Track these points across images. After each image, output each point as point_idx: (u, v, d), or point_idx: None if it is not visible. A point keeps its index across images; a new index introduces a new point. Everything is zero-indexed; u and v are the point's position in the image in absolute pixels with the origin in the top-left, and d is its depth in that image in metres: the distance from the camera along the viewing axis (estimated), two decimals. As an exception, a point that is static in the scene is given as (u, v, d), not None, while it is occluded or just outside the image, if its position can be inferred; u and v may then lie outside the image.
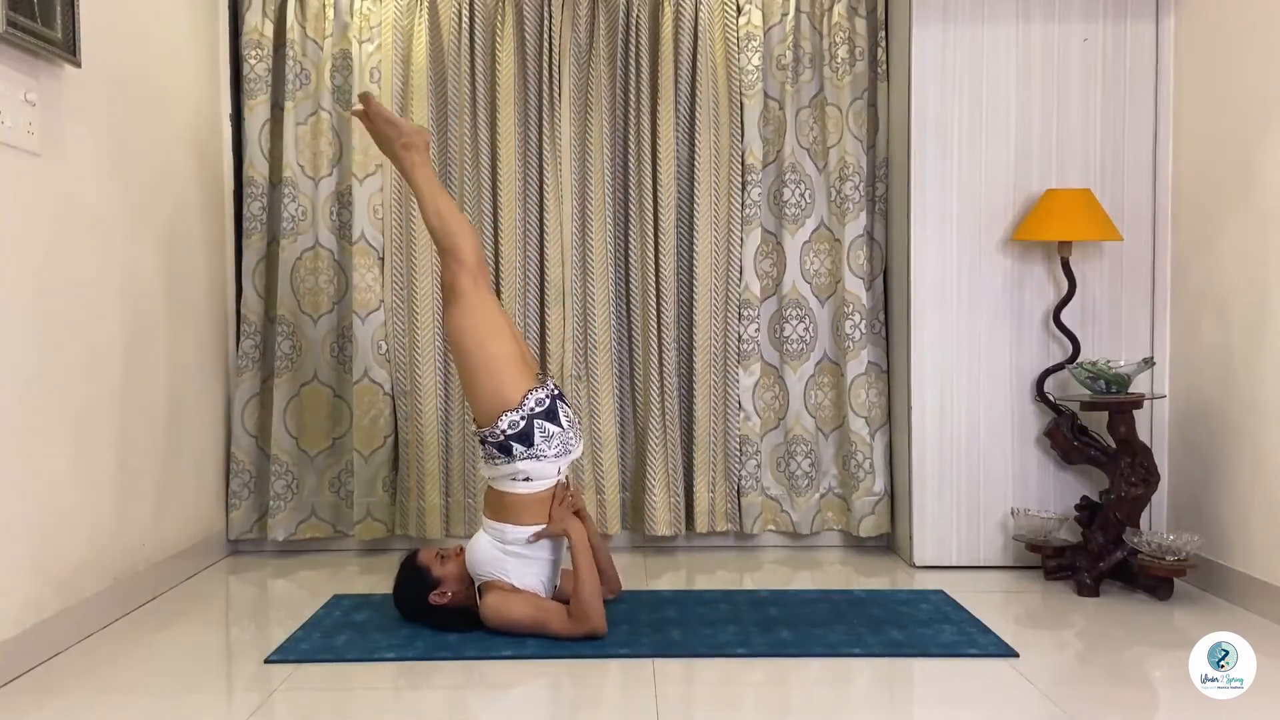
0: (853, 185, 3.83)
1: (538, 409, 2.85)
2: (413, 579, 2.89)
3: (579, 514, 2.98)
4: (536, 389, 2.89)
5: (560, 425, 2.88)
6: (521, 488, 2.85)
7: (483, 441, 2.87)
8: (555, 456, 2.87)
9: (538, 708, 2.53)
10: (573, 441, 2.93)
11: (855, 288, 3.83)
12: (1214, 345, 3.32)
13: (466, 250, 2.95)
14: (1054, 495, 3.60)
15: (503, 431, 2.82)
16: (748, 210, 3.87)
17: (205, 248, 3.71)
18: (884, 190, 3.89)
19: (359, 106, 3.16)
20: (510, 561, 2.83)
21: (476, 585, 2.86)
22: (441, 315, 3.09)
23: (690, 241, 3.85)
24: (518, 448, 2.82)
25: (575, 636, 2.76)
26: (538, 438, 2.83)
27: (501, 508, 2.87)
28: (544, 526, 2.85)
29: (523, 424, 2.82)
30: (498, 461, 2.86)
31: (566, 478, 2.98)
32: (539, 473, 2.85)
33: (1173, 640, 2.88)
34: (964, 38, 3.57)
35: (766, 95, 3.88)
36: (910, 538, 3.65)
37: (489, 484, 2.94)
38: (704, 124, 3.81)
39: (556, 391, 2.96)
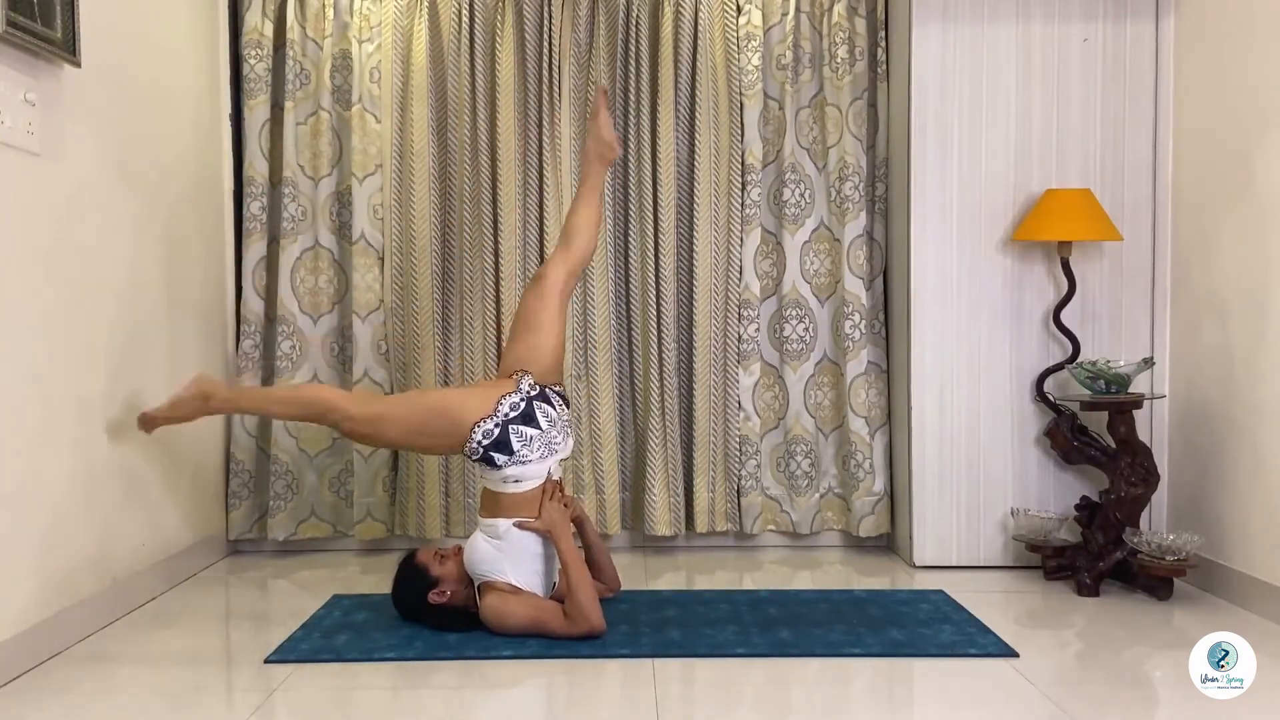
0: (852, 185, 3.83)
1: (512, 414, 2.86)
2: (411, 579, 2.89)
3: (577, 519, 2.99)
4: (510, 394, 2.90)
5: (539, 427, 2.88)
6: (513, 488, 2.86)
7: (471, 459, 2.90)
8: (540, 459, 2.88)
9: (537, 708, 2.53)
10: (557, 440, 2.93)
11: (855, 288, 3.83)
12: (1214, 345, 3.31)
13: (325, 395, 3.05)
14: (1054, 495, 3.60)
15: (479, 443, 2.83)
16: (748, 210, 3.87)
17: (205, 248, 3.71)
18: (884, 190, 3.89)
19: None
20: (508, 560, 2.83)
21: (476, 585, 2.86)
22: (348, 438, 3.17)
23: (690, 241, 3.85)
24: (499, 457, 2.83)
25: (574, 636, 2.76)
26: (515, 443, 2.84)
27: (495, 505, 2.89)
28: (532, 519, 2.86)
29: (497, 431, 2.83)
30: (488, 472, 2.89)
31: (559, 479, 2.98)
32: (527, 475, 2.87)
33: (1173, 640, 2.88)
34: (964, 38, 3.57)
35: (766, 95, 3.88)
36: (910, 538, 3.65)
37: (484, 485, 2.95)
38: (704, 124, 3.81)
39: (534, 392, 2.94)
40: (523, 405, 2.89)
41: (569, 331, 3.84)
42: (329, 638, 2.85)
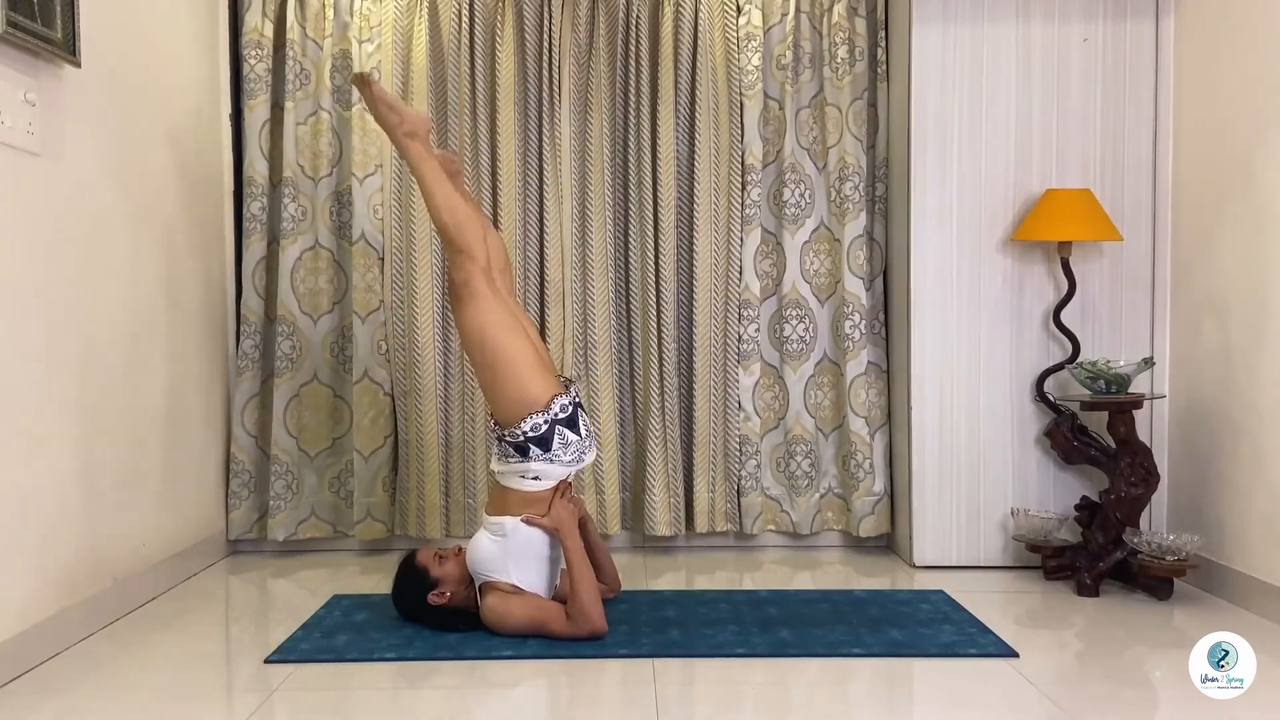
0: (852, 185, 3.83)
1: (561, 415, 2.84)
2: (411, 579, 2.89)
3: (580, 520, 2.99)
4: (561, 395, 2.87)
5: (579, 434, 2.88)
6: (530, 485, 2.85)
7: (500, 439, 2.86)
8: (569, 463, 2.87)
9: (538, 708, 2.53)
10: (587, 450, 2.93)
11: (855, 288, 3.83)
12: (1214, 345, 3.31)
13: (479, 248, 2.86)
14: (1054, 495, 3.60)
15: (524, 433, 2.80)
16: (748, 210, 3.87)
17: (205, 248, 3.71)
18: (884, 190, 3.89)
19: (362, 80, 3.03)
20: (511, 560, 2.83)
21: (477, 585, 2.86)
22: (453, 315, 2.98)
23: (690, 241, 3.85)
24: (535, 450, 2.82)
25: (576, 637, 2.76)
26: (556, 444, 2.83)
27: (504, 502, 2.87)
28: (541, 516, 2.85)
29: (545, 428, 2.81)
30: (511, 460, 2.85)
31: (570, 480, 2.98)
32: (549, 475, 2.86)
33: (1173, 640, 2.88)
34: (964, 38, 3.57)
35: (766, 95, 3.88)
36: (910, 538, 3.65)
37: (496, 479, 2.92)
38: (704, 124, 3.81)
39: (578, 399, 2.95)
40: (570, 409, 2.88)
41: (569, 332, 3.85)
42: (329, 638, 2.85)
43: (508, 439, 2.83)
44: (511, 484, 2.87)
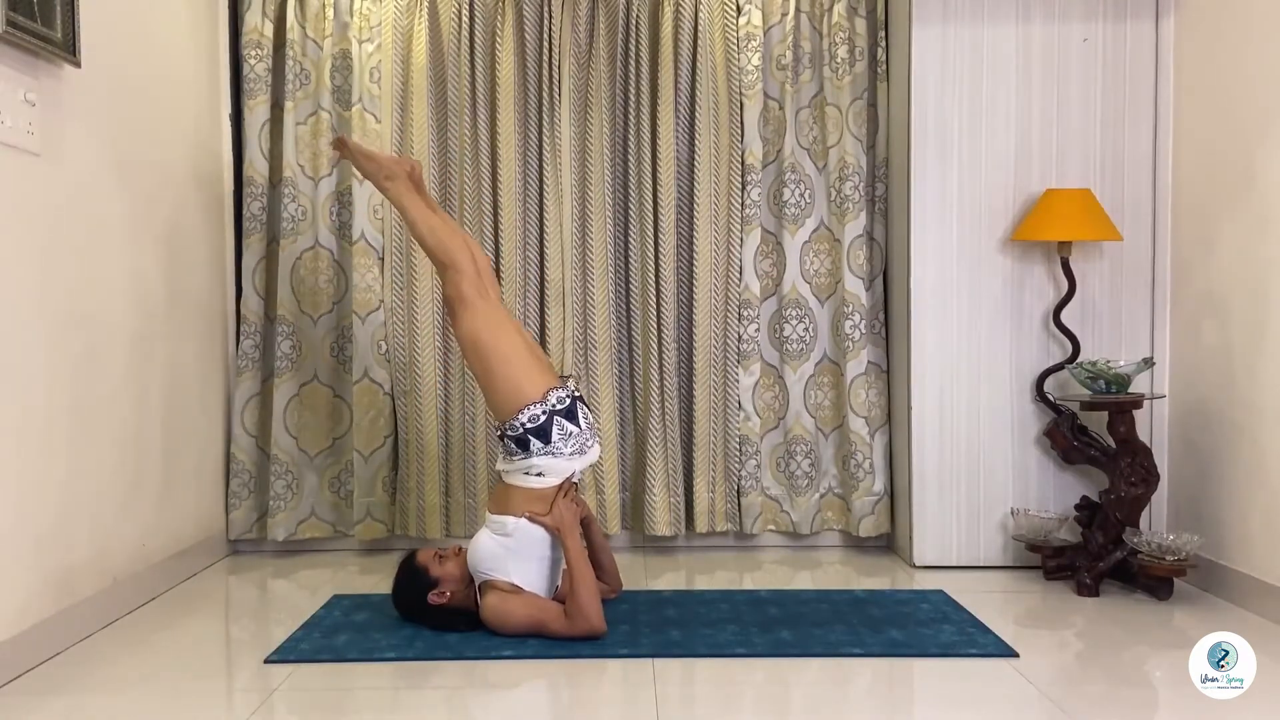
0: (852, 185, 3.83)
1: (558, 406, 2.88)
2: (411, 579, 2.89)
3: (584, 519, 2.99)
4: (558, 388, 2.92)
5: (579, 426, 2.90)
6: (534, 482, 2.86)
7: (502, 437, 2.89)
8: (571, 455, 2.88)
9: (538, 708, 2.53)
10: (589, 444, 2.94)
11: (855, 288, 3.83)
12: (1214, 345, 3.31)
13: (464, 260, 3.00)
14: (1054, 495, 3.60)
15: (522, 425, 2.83)
16: (748, 210, 3.87)
17: (205, 248, 3.71)
18: (884, 190, 3.89)
19: (340, 142, 3.30)
20: (511, 559, 2.83)
21: (477, 585, 2.86)
22: (451, 328, 3.16)
23: (690, 241, 3.85)
24: (535, 443, 2.84)
25: (575, 636, 2.76)
26: (555, 435, 2.85)
27: (507, 500, 2.88)
28: (544, 514, 2.86)
29: (543, 418, 2.84)
30: (514, 457, 2.87)
31: (576, 480, 2.99)
32: (553, 470, 2.86)
33: (1173, 640, 2.88)
34: (964, 38, 3.57)
35: (766, 95, 3.88)
36: (910, 538, 3.65)
37: (501, 478, 2.94)
38: (704, 124, 3.81)
39: (577, 394, 2.99)
40: (568, 401, 2.91)
41: (569, 332, 3.85)
42: (329, 638, 2.85)
43: (509, 434, 2.86)
44: (516, 481, 2.88)
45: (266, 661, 2.69)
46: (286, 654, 2.73)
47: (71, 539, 2.85)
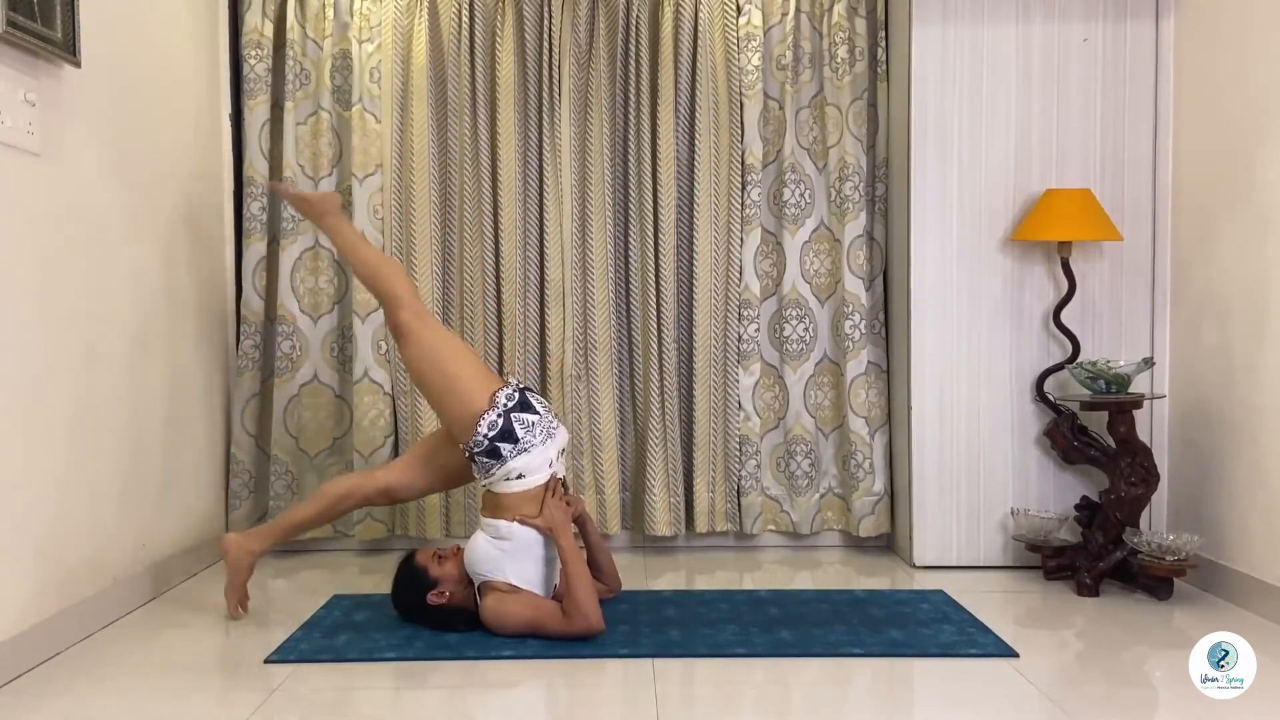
0: (852, 185, 3.83)
1: (509, 404, 2.89)
2: (410, 580, 2.89)
3: (579, 519, 2.99)
4: (502, 388, 2.94)
5: (537, 412, 2.92)
6: (517, 485, 2.86)
7: (471, 457, 2.89)
8: (542, 443, 2.89)
9: (537, 708, 2.53)
10: (553, 426, 2.96)
11: (855, 288, 3.83)
12: (1214, 345, 3.31)
13: (401, 289, 3.09)
14: (1054, 495, 3.60)
15: (485, 436, 2.84)
16: (748, 210, 3.87)
17: (205, 248, 3.71)
18: (884, 190, 3.89)
19: (275, 186, 3.50)
20: (508, 560, 2.83)
21: (476, 586, 2.86)
22: (400, 355, 3.30)
23: (690, 241, 3.85)
24: (504, 447, 2.84)
25: (573, 635, 2.76)
26: (519, 430, 2.86)
27: (497, 506, 2.89)
28: (534, 515, 2.86)
29: (501, 421, 2.85)
30: (491, 469, 2.88)
31: (564, 480, 2.99)
32: (531, 466, 2.87)
33: (1173, 640, 2.88)
34: (964, 38, 3.57)
35: (766, 95, 3.88)
36: (910, 538, 3.65)
37: (486, 488, 2.95)
38: (704, 124, 3.81)
39: (523, 385, 3.02)
40: (517, 395, 2.93)
41: (569, 332, 3.85)
42: (329, 638, 2.85)
43: (476, 451, 2.87)
44: (501, 489, 2.89)
45: (266, 661, 2.69)
46: (286, 654, 2.73)
47: (71, 539, 2.85)
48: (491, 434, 2.84)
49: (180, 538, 3.49)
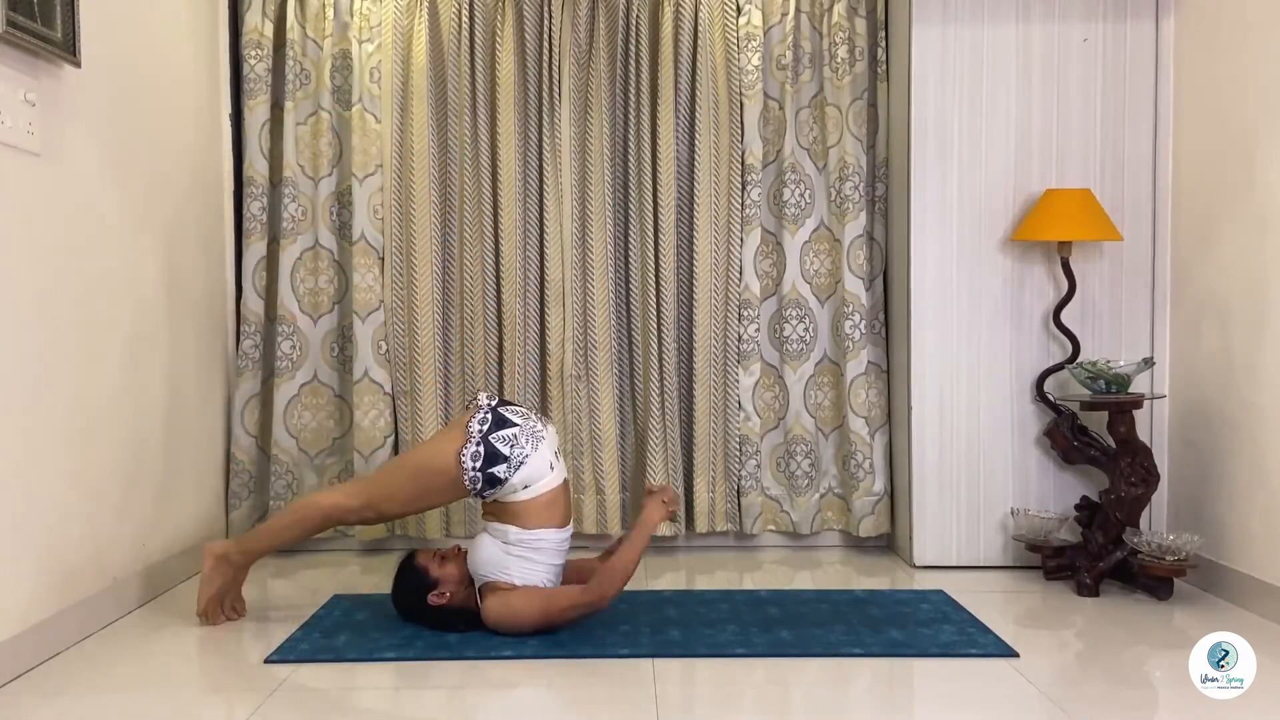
0: (852, 185, 3.83)
1: (484, 427, 2.86)
2: (410, 580, 2.89)
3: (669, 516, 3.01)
4: (473, 418, 2.90)
5: (515, 424, 2.89)
6: (524, 495, 2.85)
7: (479, 494, 2.86)
8: (534, 450, 2.86)
9: (537, 708, 2.53)
10: (538, 429, 2.92)
11: (855, 288, 3.83)
12: (1214, 345, 3.31)
13: (329, 505, 2.98)
14: (1054, 495, 3.60)
15: (475, 468, 2.81)
16: (748, 210, 3.87)
17: (205, 248, 3.71)
18: (884, 190, 3.89)
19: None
20: (514, 562, 2.83)
21: (477, 586, 2.86)
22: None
23: (690, 241, 3.85)
24: (499, 470, 2.82)
25: (581, 605, 2.77)
26: (504, 448, 2.83)
27: (506, 513, 2.87)
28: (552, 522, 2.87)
29: (484, 450, 2.82)
30: (499, 494, 2.85)
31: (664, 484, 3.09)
32: (533, 475, 2.85)
33: (1173, 640, 2.88)
34: (964, 38, 3.57)
35: (766, 95, 3.88)
36: (910, 538, 3.65)
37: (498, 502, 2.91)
38: (704, 124, 3.81)
39: (493, 402, 2.96)
40: (490, 418, 2.89)
41: (569, 332, 3.85)
42: (329, 638, 2.85)
43: (475, 487, 2.84)
44: (510, 499, 2.86)
45: (266, 661, 2.69)
46: (287, 654, 2.73)
47: (71, 539, 2.85)
48: (477, 464, 2.82)
49: (180, 538, 3.49)
